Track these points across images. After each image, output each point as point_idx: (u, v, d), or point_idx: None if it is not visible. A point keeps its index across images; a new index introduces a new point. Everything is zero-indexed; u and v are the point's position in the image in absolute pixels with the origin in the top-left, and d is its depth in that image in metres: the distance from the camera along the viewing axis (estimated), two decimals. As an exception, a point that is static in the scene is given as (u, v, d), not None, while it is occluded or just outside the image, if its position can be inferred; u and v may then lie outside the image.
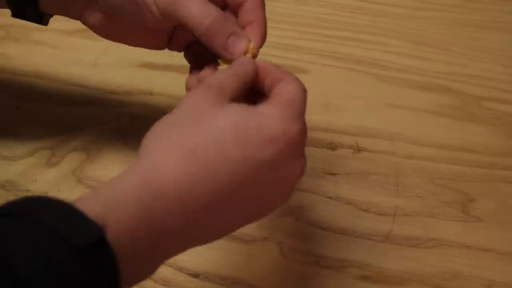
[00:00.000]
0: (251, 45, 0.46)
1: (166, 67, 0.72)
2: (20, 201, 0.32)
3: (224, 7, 0.49)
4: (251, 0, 0.47)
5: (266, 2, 0.49)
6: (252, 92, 0.44)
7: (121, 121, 0.67)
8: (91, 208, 0.32)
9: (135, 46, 0.54)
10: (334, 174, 0.63)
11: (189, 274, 0.54)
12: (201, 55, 0.50)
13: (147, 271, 0.37)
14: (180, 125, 0.39)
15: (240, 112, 0.39)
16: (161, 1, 0.45)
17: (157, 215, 0.35)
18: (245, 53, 0.46)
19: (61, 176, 0.61)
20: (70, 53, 0.75)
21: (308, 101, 0.45)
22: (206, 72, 0.49)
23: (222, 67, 0.47)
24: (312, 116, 0.43)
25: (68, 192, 0.60)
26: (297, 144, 0.40)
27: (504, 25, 0.84)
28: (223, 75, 0.42)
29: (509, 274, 0.55)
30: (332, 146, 0.65)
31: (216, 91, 0.40)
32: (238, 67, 0.44)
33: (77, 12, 0.51)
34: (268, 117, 0.39)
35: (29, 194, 0.59)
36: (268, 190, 0.40)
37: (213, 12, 0.45)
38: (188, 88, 0.50)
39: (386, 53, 0.78)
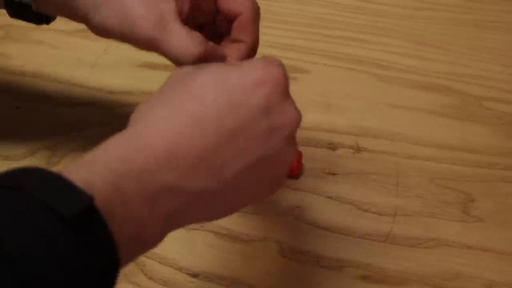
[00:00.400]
0: None
1: (166, 67, 0.72)
2: (7, 173, 0.31)
3: (215, 14, 0.49)
4: (244, 15, 0.47)
5: (267, 2, 0.49)
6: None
7: (121, 121, 0.66)
8: (77, 175, 0.32)
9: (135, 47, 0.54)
10: (334, 174, 0.63)
11: (189, 274, 0.54)
12: None
13: (150, 235, 0.36)
14: (162, 94, 0.39)
15: (219, 66, 0.40)
16: (141, 41, 0.44)
17: (145, 170, 0.35)
18: None
19: (61, 176, 0.61)
20: (70, 53, 0.75)
21: (309, 101, 0.45)
22: None
23: None
24: (313, 116, 0.43)
25: (68, 192, 0.60)
26: (283, 86, 0.40)
27: (504, 25, 0.84)
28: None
29: (509, 274, 0.55)
30: (332, 146, 0.65)
31: (196, 66, 0.41)
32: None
33: (76, 15, 0.51)
34: (248, 65, 0.40)
35: (29, 194, 0.60)
36: (264, 140, 0.39)
37: (193, 49, 0.43)
38: None
39: (386, 53, 0.78)
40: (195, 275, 0.54)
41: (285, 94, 0.40)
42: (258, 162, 0.39)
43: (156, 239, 0.37)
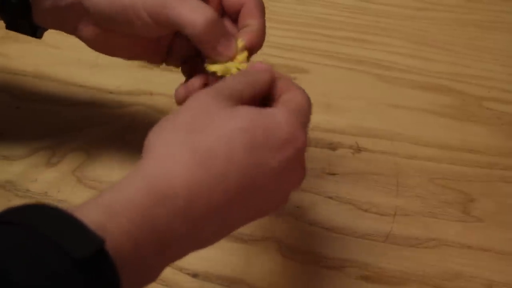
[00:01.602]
0: (240, 45, 0.46)
1: (166, 67, 0.72)
2: (19, 208, 0.31)
3: (221, 14, 0.49)
4: (248, 4, 0.47)
5: (268, 2, 0.49)
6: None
7: (121, 121, 0.67)
8: (91, 217, 0.32)
9: (132, 59, 0.54)
10: (334, 174, 0.63)
11: (189, 274, 0.54)
12: (199, 70, 0.49)
13: (151, 277, 0.36)
14: (188, 126, 0.37)
15: (250, 114, 0.38)
16: (152, 7, 0.44)
17: (162, 220, 0.34)
18: (233, 55, 0.46)
19: (61, 176, 0.61)
20: (70, 53, 0.75)
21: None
22: (195, 80, 0.48)
23: (208, 67, 0.46)
24: (313, 116, 0.43)
25: (68, 192, 0.60)
26: (302, 153, 0.40)
27: (505, 25, 0.84)
28: (235, 81, 0.41)
29: (509, 274, 0.55)
30: (332, 146, 0.65)
31: (227, 94, 0.39)
32: (252, 74, 0.42)
33: (71, 26, 0.51)
34: (278, 121, 0.38)
35: (29, 194, 0.60)
36: (270, 195, 0.40)
37: (206, 12, 0.44)
38: (177, 99, 0.49)
39: (387, 53, 0.78)
40: (195, 275, 0.54)
41: (301, 158, 0.41)
42: (259, 207, 0.40)
43: (153, 280, 0.37)
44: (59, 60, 0.74)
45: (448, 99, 0.72)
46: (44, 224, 0.30)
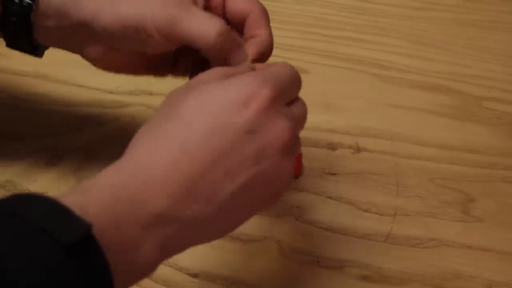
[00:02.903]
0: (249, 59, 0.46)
1: (166, 67, 0.72)
2: (6, 198, 0.32)
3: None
4: (253, 13, 0.47)
5: (267, 2, 0.49)
6: None
7: (121, 121, 0.67)
8: (73, 202, 0.32)
9: (138, 75, 0.54)
10: (334, 174, 0.63)
11: (189, 274, 0.54)
12: None
13: (144, 263, 0.36)
14: (157, 119, 0.40)
15: (210, 85, 0.39)
16: (161, 25, 0.44)
17: (140, 196, 0.35)
18: None
19: (61, 176, 0.61)
20: (70, 53, 0.75)
21: (308, 101, 0.45)
22: None
23: None
24: (312, 116, 0.43)
25: (68, 192, 0.60)
26: (270, 106, 0.39)
27: (505, 25, 0.84)
28: (204, 73, 0.42)
29: (509, 274, 0.55)
30: (332, 146, 0.65)
31: (193, 83, 0.41)
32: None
33: (76, 46, 0.51)
34: (238, 83, 0.39)
35: (29, 194, 0.60)
36: (255, 162, 0.38)
37: (217, 22, 0.44)
38: None
39: (386, 53, 0.78)
40: (195, 275, 0.54)
41: (272, 112, 0.39)
42: (251, 182, 0.38)
43: (150, 267, 0.37)
44: (59, 60, 0.74)
45: (448, 99, 0.72)
46: (32, 212, 0.31)
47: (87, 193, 0.34)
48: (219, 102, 0.38)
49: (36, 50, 0.53)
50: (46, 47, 0.54)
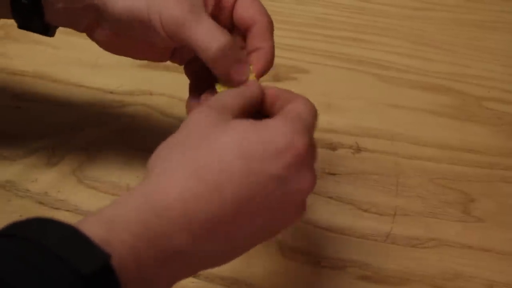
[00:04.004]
0: (252, 74, 0.46)
1: (166, 67, 0.72)
2: (24, 222, 0.31)
3: (231, 28, 0.49)
4: (260, 24, 0.47)
5: (267, 2, 0.49)
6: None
7: (121, 121, 0.67)
8: (94, 232, 0.32)
9: (138, 59, 0.54)
10: (334, 174, 0.63)
11: (189, 274, 0.54)
12: (201, 71, 0.49)
13: None
14: (183, 146, 0.38)
15: (243, 126, 0.38)
16: (168, 24, 0.44)
17: (162, 234, 0.35)
18: (245, 81, 0.46)
19: (61, 176, 0.61)
20: (70, 53, 0.75)
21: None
22: (206, 96, 0.48)
23: (218, 88, 0.47)
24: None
25: (68, 192, 0.60)
26: (305, 157, 0.39)
27: (505, 25, 0.84)
28: (226, 95, 0.42)
29: (509, 274, 0.55)
30: (332, 146, 0.65)
31: (219, 109, 0.40)
32: (242, 88, 0.44)
33: (84, 27, 0.51)
34: (273, 130, 0.38)
35: (29, 194, 0.60)
36: (277, 207, 0.39)
37: (221, 37, 0.44)
38: (188, 110, 0.49)
39: (387, 53, 0.78)
40: (195, 275, 0.54)
41: (305, 163, 0.39)
42: (268, 222, 0.39)
43: None
44: (59, 60, 0.74)
45: (448, 99, 0.72)
46: (50, 238, 0.30)
47: (111, 228, 0.34)
48: (255, 147, 0.37)
49: (48, 31, 0.53)
50: (57, 27, 0.54)
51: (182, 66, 0.53)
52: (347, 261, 0.56)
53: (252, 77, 0.46)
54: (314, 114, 0.42)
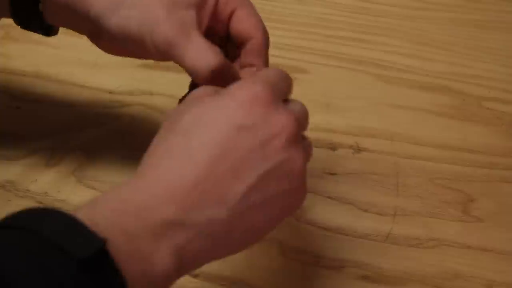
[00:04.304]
0: None
1: (166, 67, 0.72)
2: (19, 212, 0.32)
3: (227, 38, 0.49)
4: (255, 41, 0.47)
5: (267, 2, 0.49)
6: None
7: (121, 121, 0.67)
8: (84, 216, 0.32)
9: (140, 59, 0.54)
10: (334, 174, 0.63)
11: (189, 274, 0.54)
12: None
13: (160, 273, 0.35)
14: (160, 138, 0.40)
15: (200, 98, 0.40)
16: (159, 44, 0.44)
17: (144, 206, 0.35)
18: None
19: (61, 176, 0.61)
20: (70, 53, 0.75)
21: (309, 101, 0.44)
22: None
23: None
24: (312, 116, 0.43)
25: (68, 192, 0.60)
26: (268, 102, 0.38)
27: (505, 25, 0.84)
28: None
29: (509, 274, 0.55)
30: (332, 146, 0.65)
31: (189, 98, 0.41)
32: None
33: (85, 33, 0.51)
34: (235, 88, 0.39)
35: (29, 194, 0.60)
36: (262, 156, 0.38)
37: (211, 58, 0.43)
38: None
39: (387, 53, 0.78)
40: (195, 275, 0.54)
41: (268, 105, 0.39)
42: (262, 181, 0.38)
43: (168, 279, 0.36)
44: (59, 60, 0.74)
45: (448, 99, 0.72)
46: (44, 225, 0.31)
47: (93, 209, 0.34)
48: (215, 112, 0.38)
49: (49, 31, 0.53)
50: (58, 27, 0.54)
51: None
52: (347, 261, 0.56)
53: None
54: (279, 74, 0.42)
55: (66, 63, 0.74)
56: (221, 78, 0.43)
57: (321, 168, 0.63)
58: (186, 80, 0.52)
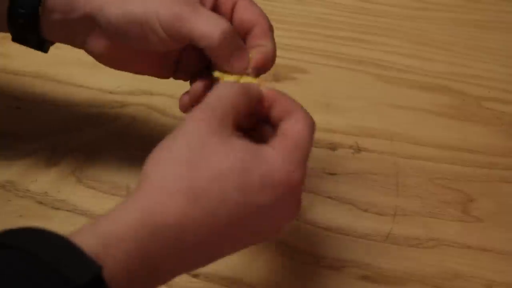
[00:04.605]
0: (251, 63, 0.46)
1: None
2: (17, 231, 0.32)
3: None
4: (260, 26, 0.48)
5: (267, 2, 0.49)
6: (257, 119, 0.44)
7: (121, 121, 0.67)
8: (88, 244, 0.32)
9: (140, 74, 0.54)
10: (334, 174, 0.63)
11: (189, 274, 0.54)
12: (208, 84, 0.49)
13: None
14: (182, 160, 0.38)
15: (244, 153, 0.38)
16: (167, 21, 0.44)
17: (156, 255, 0.36)
18: (246, 68, 0.46)
19: (61, 176, 0.61)
20: (70, 53, 0.74)
21: (309, 101, 0.45)
22: (197, 86, 0.48)
23: (217, 75, 0.47)
24: (313, 116, 0.43)
25: (68, 192, 0.60)
26: (297, 190, 0.40)
27: (505, 25, 0.84)
28: (227, 100, 0.40)
29: (509, 274, 0.55)
30: (332, 146, 0.65)
31: (220, 119, 0.39)
32: (242, 85, 0.42)
33: (80, 40, 0.51)
34: (272, 163, 0.39)
35: (29, 194, 0.60)
36: (260, 230, 0.41)
37: (222, 23, 0.44)
38: (182, 107, 0.50)
39: (387, 53, 0.78)
40: (195, 275, 0.54)
41: (295, 194, 0.41)
42: (251, 237, 0.41)
43: None
44: (59, 60, 0.74)
45: (448, 99, 0.72)
46: (42, 249, 0.31)
47: (105, 243, 0.34)
48: (254, 179, 0.38)
49: (42, 46, 0.53)
50: (52, 43, 0.54)
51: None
52: (347, 261, 0.56)
53: (251, 78, 0.46)
54: (313, 133, 0.42)
55: (66, 63, 0.74)
56: (231, 46, 0.44)
57: (321, 168, 0.63)
58: (187, 84, 0.52)
